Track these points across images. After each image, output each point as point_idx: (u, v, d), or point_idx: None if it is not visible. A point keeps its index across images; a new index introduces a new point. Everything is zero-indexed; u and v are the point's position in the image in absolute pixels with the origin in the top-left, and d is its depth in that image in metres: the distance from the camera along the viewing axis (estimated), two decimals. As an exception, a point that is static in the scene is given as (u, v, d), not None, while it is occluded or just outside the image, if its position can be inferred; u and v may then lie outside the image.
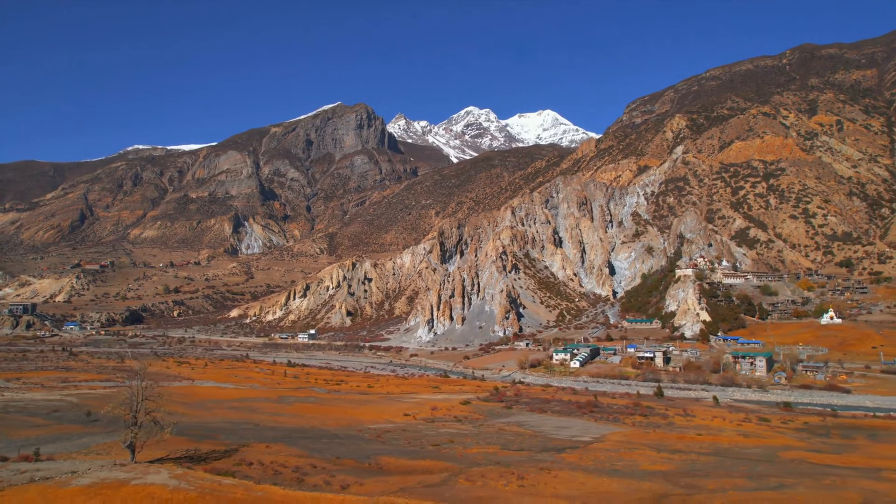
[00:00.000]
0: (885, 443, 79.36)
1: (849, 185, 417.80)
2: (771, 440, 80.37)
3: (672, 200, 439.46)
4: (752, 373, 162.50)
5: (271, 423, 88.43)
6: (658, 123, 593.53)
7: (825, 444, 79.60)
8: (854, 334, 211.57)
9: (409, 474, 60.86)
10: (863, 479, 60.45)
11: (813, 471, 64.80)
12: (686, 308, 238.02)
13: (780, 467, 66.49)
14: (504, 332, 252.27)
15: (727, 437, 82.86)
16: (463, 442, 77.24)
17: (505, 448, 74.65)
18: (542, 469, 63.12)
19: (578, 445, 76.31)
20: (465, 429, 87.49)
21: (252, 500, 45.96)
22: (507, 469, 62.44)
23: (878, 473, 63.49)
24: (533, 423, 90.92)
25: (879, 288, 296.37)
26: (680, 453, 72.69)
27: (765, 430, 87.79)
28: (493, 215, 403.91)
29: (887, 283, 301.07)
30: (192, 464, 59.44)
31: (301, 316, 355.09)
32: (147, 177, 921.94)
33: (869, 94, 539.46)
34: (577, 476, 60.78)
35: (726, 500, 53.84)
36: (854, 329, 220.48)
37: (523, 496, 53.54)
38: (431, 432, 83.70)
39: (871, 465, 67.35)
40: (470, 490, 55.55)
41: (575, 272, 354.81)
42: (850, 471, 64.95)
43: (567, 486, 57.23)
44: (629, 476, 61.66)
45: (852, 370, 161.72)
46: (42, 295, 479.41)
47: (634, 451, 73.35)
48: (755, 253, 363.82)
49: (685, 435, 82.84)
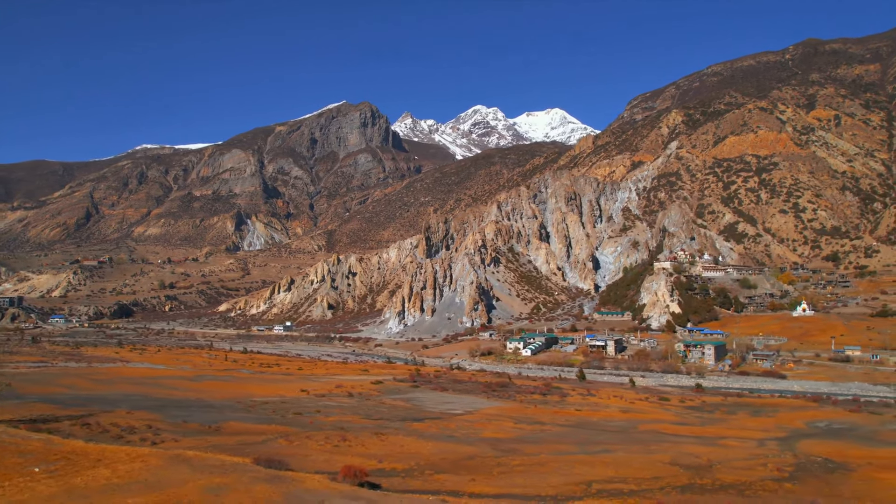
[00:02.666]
0: (758, 417, 78.44)
1: (842, 180, 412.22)
2: (645, 415, 79.73)
3: (663, 195, 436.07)
4: (702, 361, 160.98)
5: (161, 396, 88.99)
6: (655, 119, 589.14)
7: (699, 418, 78.79)
8: (820, 325, 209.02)
9: (238, 435, 60.99)
10: (694, 446, 59.65)
11: (653, 439, 64.04)
12: (655, 300, 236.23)
13: (624, 436, 65.76)
14: (472, 323, 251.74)
15: (606, 412, 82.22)
16: (329, 412, 77.20)
17: (366, 417, 74.51)
18: (375, 434, 63.01)
19: (443, 417, 75.97)
20: (347, 402, 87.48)
21: (45, 450, 46.42)
22: (342, 433, 62.33)
23: (716, 441, 62.63)
24: (423, 399, 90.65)
25: (862, 282, 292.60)
26: (538, 424, 72.13)
27: (651, 407, 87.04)
28: (479, 210, 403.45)
29: (871, 276, 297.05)
30: (33, 424, 60.26)
31: (284, 309, 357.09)
32: (152, 175, 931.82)
33: (871, 89, 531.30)
34: (404, 439, 60.59)
35: (529, 461, 53.54)
36: (822, 321, 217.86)
37: (327, 453, 53.63)
38: (310, 404, 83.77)
39: (718, 435, 66.52)
40: (281, 448, 55.50)
41: (559, 266, 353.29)
42: (693, 439, 64.11)
43: (383, 447, 57.06)
44: (457, 441, 61.37)
45: (801, 358, 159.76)
46: (39, 290, 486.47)
47: (492, 422, 72.86)
48: (742, 247, 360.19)
49: (563, 410, 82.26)
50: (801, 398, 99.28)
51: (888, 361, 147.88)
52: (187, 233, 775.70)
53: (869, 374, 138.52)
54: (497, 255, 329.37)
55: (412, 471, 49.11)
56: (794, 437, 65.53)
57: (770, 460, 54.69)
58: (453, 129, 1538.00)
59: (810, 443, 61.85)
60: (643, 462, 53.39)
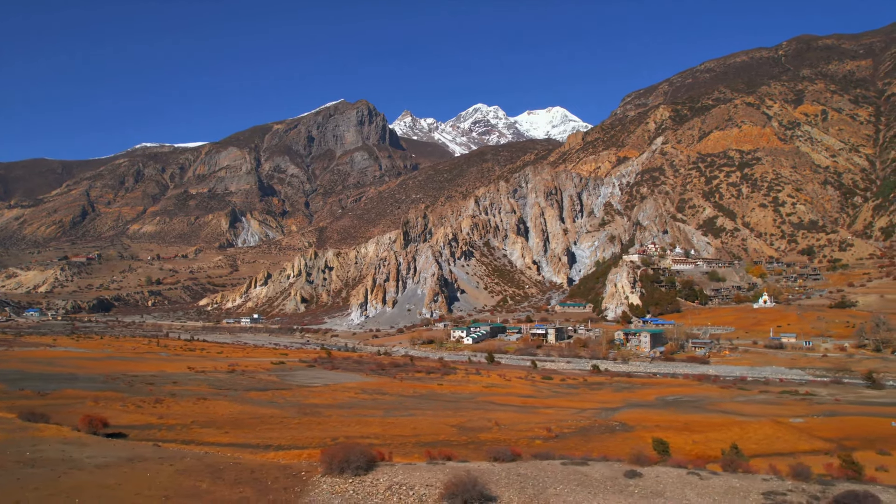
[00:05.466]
0: (617, 392, 78.93)
1: (825, 175, 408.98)
2: (503, 389, 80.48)
3: (645, 191, 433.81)
4: (638, 348, 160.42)
5: (38, 370, 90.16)
6: (643, 115, 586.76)
7: (556, 393, 79.43)
8: (774, 316, 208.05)
9: (60, 399, 61.88)
10: (507, 413, 59.77)
11: (476, 407, 64.19)
12: (614, 291, 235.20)
13: (454, 405, 65.82)
14: (431, 314, 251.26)
15: (467, 387, 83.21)
16: (186, 384, 77.50)
17: (214, 387, 74.72)
18: (199, 400, 63.35)
19: (291, 388, 76.28)
20: (220, 377, 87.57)
21: None
22: (160, 398, 62.78)
23: (538, 409, 62.85)
24: (298, 377, 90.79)
25: (833, 275, 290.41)
26: (378, 395, 72.18)
27: (521, 384, 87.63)
28: (458, 205, 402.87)
29: (842, 269, 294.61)
30: None
31: (259, 303, 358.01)
32: (149, 173, 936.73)
33: (861, 85, 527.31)
34: (217, 403, 60.98)
35: (316, 420, 53.73)
36: (778, 312, 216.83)
37: (117, 412, 54.21)
38: (182, 378, 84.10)
39: (550, 405, 67.20)
40: (84, 410, 56.14)
41: (535, 260, 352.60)
42: (516, 408, 64.42)
43: (187, 409, 57.42)
44: (270, 405, 61.60)
45: (738, 346, 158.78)
46: (26, 286, 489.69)
47: (336, 392, 72.99)
48: (720, 241, 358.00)
49: (426, 384, 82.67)
50: (690, 378, 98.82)
51: (819, 348, 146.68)
52: (182, 230, 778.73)
53: (795, 359, 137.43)
54: (471, 249, 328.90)
55: (179, 426, 49.48)
56: (623, 408, 65.59)
57: (562, 424, 54.43)
58: (453, 127, 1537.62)
59: (629, 411, 61.87)
60: (431, 423, 53.29)
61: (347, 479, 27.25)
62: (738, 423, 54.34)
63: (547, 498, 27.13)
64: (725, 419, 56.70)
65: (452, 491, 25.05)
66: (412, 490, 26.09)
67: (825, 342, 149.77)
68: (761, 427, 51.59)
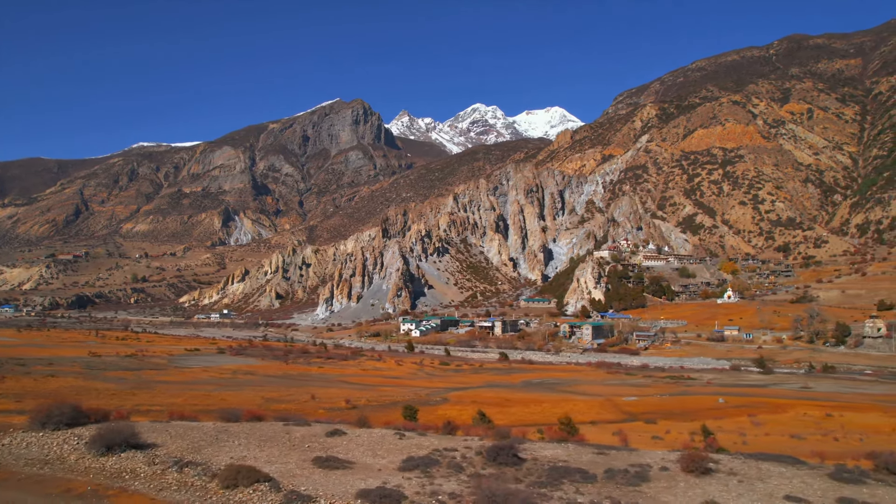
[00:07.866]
0: (499, 376, 79.20)
1: (806, 172, 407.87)
2: (383, 373, 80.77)
3: (627, 188, 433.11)
4: (580, 340, 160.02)
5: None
6: (631, 114, 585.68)
7: (436, 376, 79.09)
8: (732, 311, 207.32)
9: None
10: (352, 390, 59.73)
11: (330, 385, 64.18)
12: (576, 287, 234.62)
13: (302, 381, 65.60)
14: (394, 309, 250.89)
15: (352, 370, 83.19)
16: (62, 365, 77.53)
17: (85, 367, 74.73)
18: (47, 377, 63.39)
19: (167, 369, 76.39)
20: (109, 361, 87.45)
21: None
22: (41, 378, 63.07)
23: (389, 385, 62.47)
24: (193, 361, 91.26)
25: (806, 271, 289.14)
26: (249, 375, 72.23)
27: (409, 369, 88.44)
28: (437, 202, 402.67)
29: (815, 266, 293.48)
30: None
31: (235, 300, 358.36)
32: (143, 172, 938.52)
33: (850, 83, 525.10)
34: (72, 381, 61.11)
35: (148, 393, 54.14)
36: (739, 306, 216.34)
37: None
38: (66, 362, 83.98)
39: (412, 385, 66.94)
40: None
41: (512, 257, 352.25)
42: (368, 386, 64.08)
43: (23, 384, 57.49)
44: (119, 381, 61.60)
45: (681, 339, 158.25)
46: (11, 283, 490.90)
47: (207, 373, 73.33)
48: (697, 239, 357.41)
49: (307, 368, 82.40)
50: (592, 366, 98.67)
51: (758, 340, 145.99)
52: (175, 229, 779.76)
53: (730, 350, 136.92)
54: (445, 246, 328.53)
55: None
56: (474, 388, 65.75)
57: (381, 398, 54.29)
58: (451, 127, 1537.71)
59: (472, 391, 62.68)
60: (246, 397, 53.21)
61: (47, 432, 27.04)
62: (567, 399, 54.40)
63: (201, 448, 26.83)
64: (560, 397, 56.69)
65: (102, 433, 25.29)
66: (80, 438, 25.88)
67: (765, 334, 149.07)
68: (578, 403, 51.65)
